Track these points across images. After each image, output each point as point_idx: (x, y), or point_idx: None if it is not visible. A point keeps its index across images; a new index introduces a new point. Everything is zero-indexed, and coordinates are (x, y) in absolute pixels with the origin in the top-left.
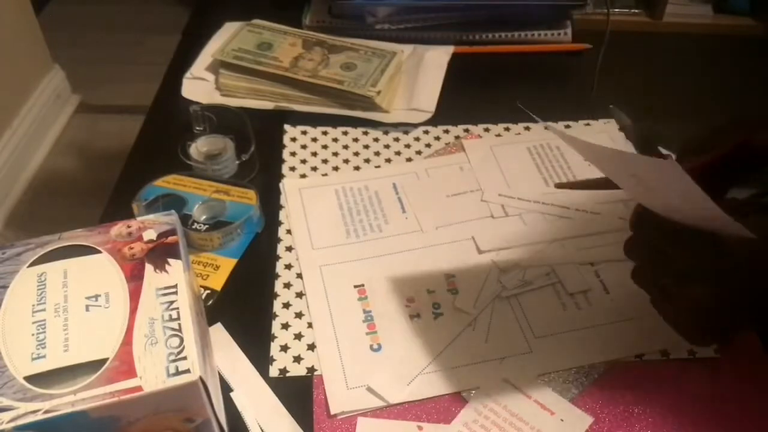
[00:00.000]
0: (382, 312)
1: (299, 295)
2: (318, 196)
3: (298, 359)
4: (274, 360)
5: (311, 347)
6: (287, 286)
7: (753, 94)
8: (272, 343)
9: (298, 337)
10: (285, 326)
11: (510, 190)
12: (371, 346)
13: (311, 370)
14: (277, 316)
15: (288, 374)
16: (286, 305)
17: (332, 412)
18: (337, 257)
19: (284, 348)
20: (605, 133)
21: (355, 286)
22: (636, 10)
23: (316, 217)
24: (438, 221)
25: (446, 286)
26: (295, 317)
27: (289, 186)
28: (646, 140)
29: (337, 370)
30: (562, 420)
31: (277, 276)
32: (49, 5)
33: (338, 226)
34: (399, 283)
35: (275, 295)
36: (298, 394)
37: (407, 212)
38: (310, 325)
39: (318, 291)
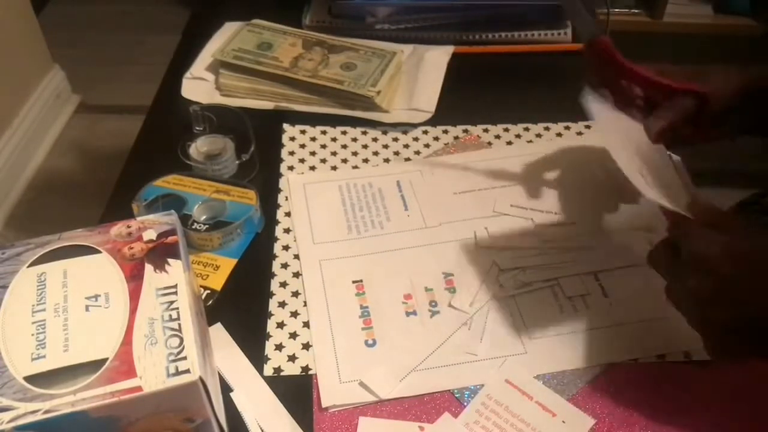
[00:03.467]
0: (378, 308)
1: (295, 294)
2: (321, 192)
3: (292, 358)
4: (269, 359)
5: (306, 346)
6: (283, 285)
7: None
8: (267, 342)
9: (293, 336)
10: (280, 325)
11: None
12: (366, 342)
13: (305, 369)
14: (272, 315)
15: (282, 373)
16: (282, 304)
17: (323, 405)
18: (337, 252)
19: (279, 347)
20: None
21: (354, 282)
22: (636, 10)
23: (318, 212)
24: (441, 219)
25: (444, 285)
26: (291, 316)
27: (293, 181)
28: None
29: (331, 363)
30: (563, 422)
31: (273, 275)
32: (49, 5)
33: (340, 221)
34: (397, 279)
35: (271, 294)
36: (298, 394)
37: (409, 209)
38: (305, 324)
39: (316, 285)
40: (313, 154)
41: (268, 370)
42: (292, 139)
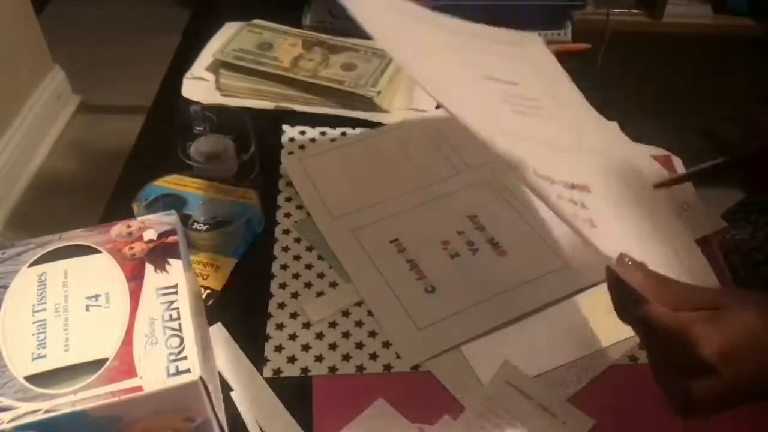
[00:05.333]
0: (423, 258)
1: (294, 295)
2: (324, 165)
3: (292, 360)
4: (268, 360)
5: (305, 348)
6: (282, 286)
7: (752, 94)
8: (266, 344)
9: (293, 337)
10: (280, 327)
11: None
12: (426, 289)
13: (305, 370)
14: (272, 316)
15: (282, 375)
16: (281, 305)
17: (411, 363)
18: (364, 219)
19: (278, 348)
20: None
21: (391, 242)
22: (636, 10)
23: (326, 187)
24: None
25: (473, 226)
26: (290, 317)
27: (291, 164)
28: None
29: (402, 317)
30: (563, 422)
31: (272, 276)
32: (49, 5)
33: (353, 191)
34: (429, 231)
35: (270, 296)
36: (298, 394)
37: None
38: (304, 326)
39: (356, 253)
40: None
41: (267, 371)
42: (292, 140)
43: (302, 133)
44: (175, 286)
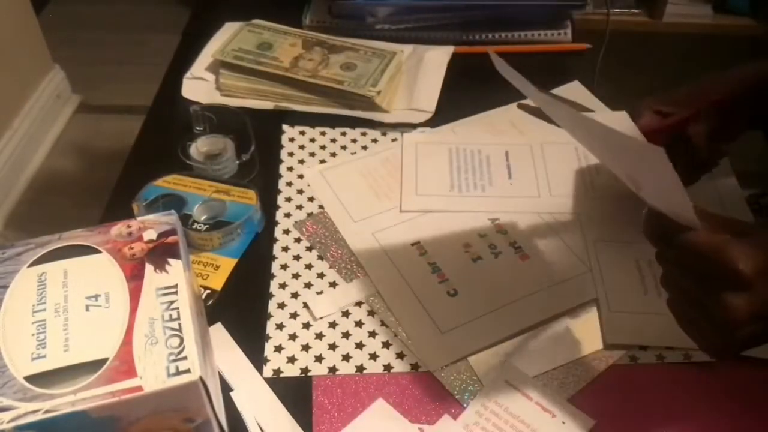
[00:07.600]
0: (445, 261)
1: (294, 295)
2: (343, 174)
3: (292, 360)
4: (268, 360)
5: (305, 348)
6: (282, 286)
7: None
8: (266, 344)
9: (293, 337)
10: (279, 326)
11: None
12: (448, 293)
13: (305, 370)
14: (271, 316)
15: (282, 375)
16: (281, 306)
17: (433, 368)
18: (386, 222)
19: (278, 348)
20: None
21: (412, 245)
22: (636, 10)
23: (346, 193)
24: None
25: (495, 229)
26: (290, 317)
27: (313, 174)
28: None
29: (425, 321)
30: (563, 422)
31: (272, 276)
32: (49, 5)
33: (372, 196)
34: (450, 234)
35: (270, 296)
36: (298, 393)
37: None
38: (304, 326)
39: (377, 256)
40: (312, 155)
41: (267, 371)
42: (292, 140)
43: (302, 133)
44: (175, 286)
